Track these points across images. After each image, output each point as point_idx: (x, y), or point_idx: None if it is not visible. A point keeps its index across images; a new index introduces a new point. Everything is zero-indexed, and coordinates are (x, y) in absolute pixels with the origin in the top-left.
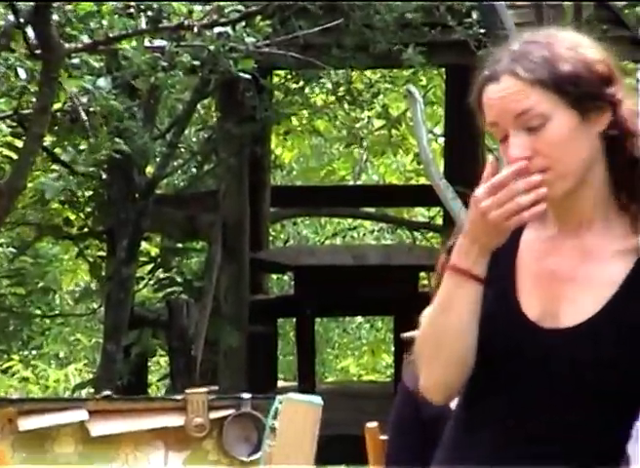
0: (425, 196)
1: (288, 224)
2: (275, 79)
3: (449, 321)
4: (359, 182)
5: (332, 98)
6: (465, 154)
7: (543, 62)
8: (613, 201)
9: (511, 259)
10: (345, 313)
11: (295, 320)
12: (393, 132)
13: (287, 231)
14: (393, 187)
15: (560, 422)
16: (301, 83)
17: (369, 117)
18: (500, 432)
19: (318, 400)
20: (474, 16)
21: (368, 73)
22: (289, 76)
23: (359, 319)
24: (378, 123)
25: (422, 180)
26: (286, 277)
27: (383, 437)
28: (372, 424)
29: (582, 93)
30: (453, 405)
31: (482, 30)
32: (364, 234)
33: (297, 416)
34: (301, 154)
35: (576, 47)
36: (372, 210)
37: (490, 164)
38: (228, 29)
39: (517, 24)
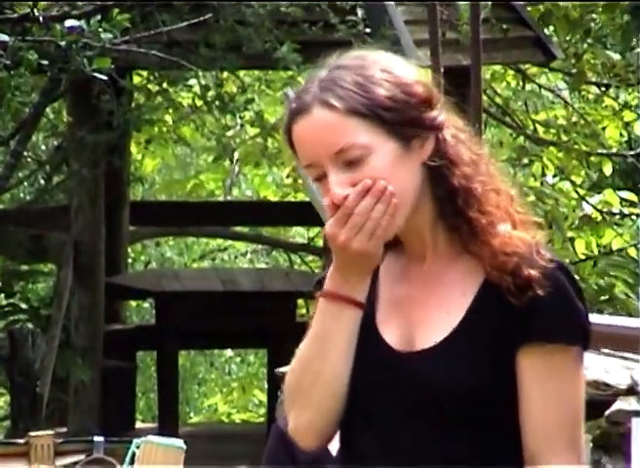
0: (305, 214)
1: (149, 245)
2: (136, 80)
3: (326, 355)
4: (230, 198)
5: (200, 103)
6: None
7: (356, 88)
8: (441, 225)
9: (371, 286)
10: (214, 345)
11: (156, 353)
12: (269, 141)
13: (148, 253)
14: (268, 204)
15: (428, 456)
16: (165, 85)
17: (241, 125)
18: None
19: (180, 443)
20: (359, 13)
21: (241, 75)
22: (151, 77)
23: (229, 352)
24: (252, 131)
25: (302, 196)
26: (147, 304)
27: None
28: None
29: (402, 119)
30: (332, 447)
31: (368, 29)
32: (235, 257)
33: (156, 462)
34: (165, 165)
35: (390, 68)
36: (244, 229)
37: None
38: (82, 23)
39: (407, 23)
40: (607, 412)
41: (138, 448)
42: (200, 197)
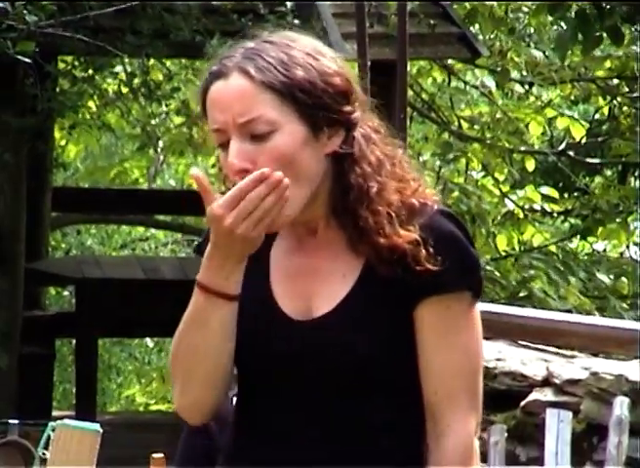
0: None
1: (70, 232)
2: (61, 65)
3: (202, 341)
4: (154, 186)
5: (125, 90)
6: None
7: (278, 65)
8: (333, 222)
9: (264, 259)
10: (134, 334)
11: (75, 341)
12: (194, 130)
13: (69, 241)
14: (192, 193)
15: (330, 420)
16: (91, 71)
17: (167, 113)
18: (272, 435)
19: (96, 426)
20: (288, 4)
21: (167, 63)
22: (76, 63)
23: (148, 342)
24: (177, 120)
25: None
26: (67, 292)
27: None
28: (158, 455)
29: (315, 104)
30: None
31: (296, 21)
32: (156, 247)
33: (71, 445)
34: (89, 152)
35: (315, 55)
36: (167, 218)
37: (197, 178)
38: (6, 5)
39: (336, 16)
40: (522, 403)
41: (53, 431)
42: (124, 185)
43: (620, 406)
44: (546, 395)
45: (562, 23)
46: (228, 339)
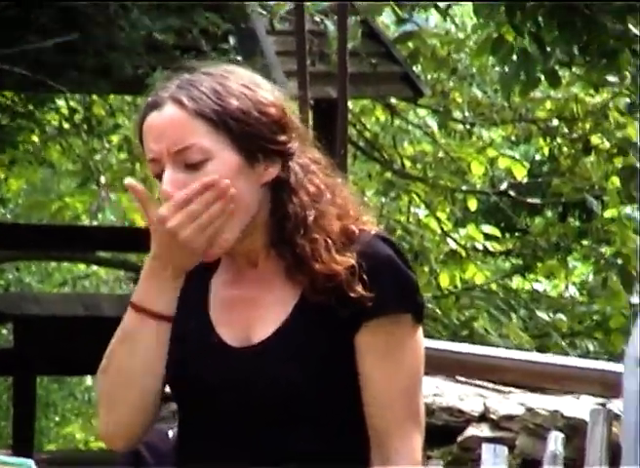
0: None
1: (9, 269)
2: (0, 100)
3: (130, 361)
4: (95, 223)
5: (67, 125)
6: None
7: (211, 94)
8: (272, 252)
9: (204, 290)
10: (74, 372)
11: (12, 378)
12: (137, 165)
13: (6, 278)
14: (134, 229)
15: (257, 449)
16: (31, 107)
17: (109, 149)
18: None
19: (30, 462)
20: (231, 41)
21: (110, 98)
22: (16, 98)
23: (88, 380)
24: (120, 155)
25: None
26: (5, 330)
27: None
28: None
29: (249, 134)
30: None
31: (239, 57)
32: (97, 284)
33: None
34: (29, 187)
35: (251, 85)
36: (108, 255)
37: (131, 187)
38: None
39: (279, 54)
40: (459, 439)
41: None
42: (65, 221)
43: (555, 441)
44: (483, 430)
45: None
46: (157, 361)
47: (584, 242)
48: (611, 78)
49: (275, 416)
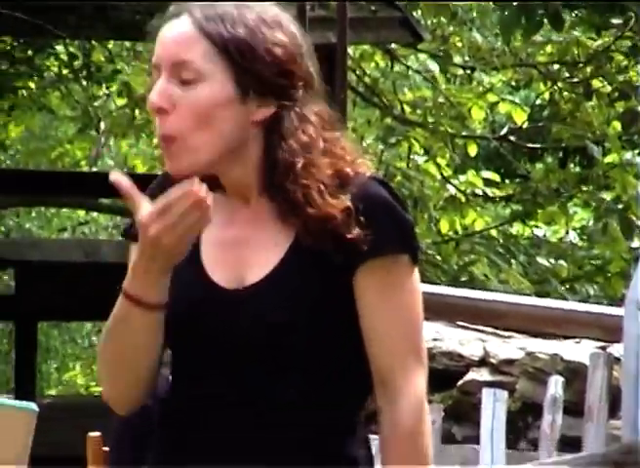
0: None
1: (8, 215)
2: None
3: (124, 346)
4: (95, 169)
5: (66, 71)
6: None
7: (225, 18)
8: (265, 195)
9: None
10: (75, 317)
11: (13, 324)
12: (137, 112)
13: (6, 224)
14: (134, 176)
15: (265, 393)
16: (30, 52)
17: (108, 95)
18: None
19: (32, 406)
20: None
21: (109, 45)
22: (15, 43)
23: (88, 326)
24: (119, 102)
25: None
26: (5, 275)
27: (106, 448)
28: (94, 434)
29: (247, 67)
30: None
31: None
32: (96, 230)
33: (7, 424)
34: (29, 133)
35: (270, 22)
36: (108, 201)
37: (117, 182)
38: None
39: None
40: (459, 383)
41: None
42: (65, 167)
43: (555, 385)
44: (483, 375)
45: (504, 8)
46: (150, 344)
47: (585, 188)
48: (614, 20)
49: (264, 362)
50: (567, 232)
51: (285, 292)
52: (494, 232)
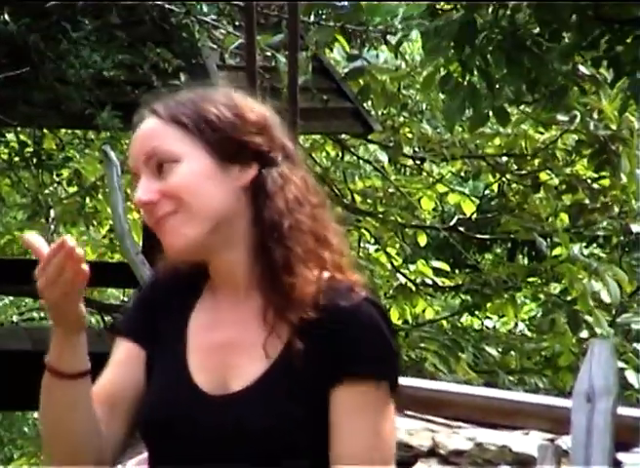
0: (120, 275)
1: None
2: None
3: (51, 415)
4: None
5: (17, 159)
6: None
7: (187, 102)
8: (257, 263)
9: (182, 332)
10: (22, 407)
11: None
12: (87, 200)
13: None
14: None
15: None
16: None
17: (59, 183)
18: None
19: None
20: (182, 77)
21: (60, 132)
22: None
23: (35, 414)
24: (70, 189)
25: (118, 257)
26: None
27: None
28: None
29: (223, 136)
30: None
31: None
32: (44, 318)
33: None
34: None
35: (232, 97)
36: None
37: (26, 242)
38: None
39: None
40: None
41: None
42: (15, 255)
43: None
44: (432, 465)
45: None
46: (80, 418)
47: (533, 279)
48: (560, 117)
49: (252, 463)
50: (516, 324)
51: (267, 402)
52: (444, 322)
